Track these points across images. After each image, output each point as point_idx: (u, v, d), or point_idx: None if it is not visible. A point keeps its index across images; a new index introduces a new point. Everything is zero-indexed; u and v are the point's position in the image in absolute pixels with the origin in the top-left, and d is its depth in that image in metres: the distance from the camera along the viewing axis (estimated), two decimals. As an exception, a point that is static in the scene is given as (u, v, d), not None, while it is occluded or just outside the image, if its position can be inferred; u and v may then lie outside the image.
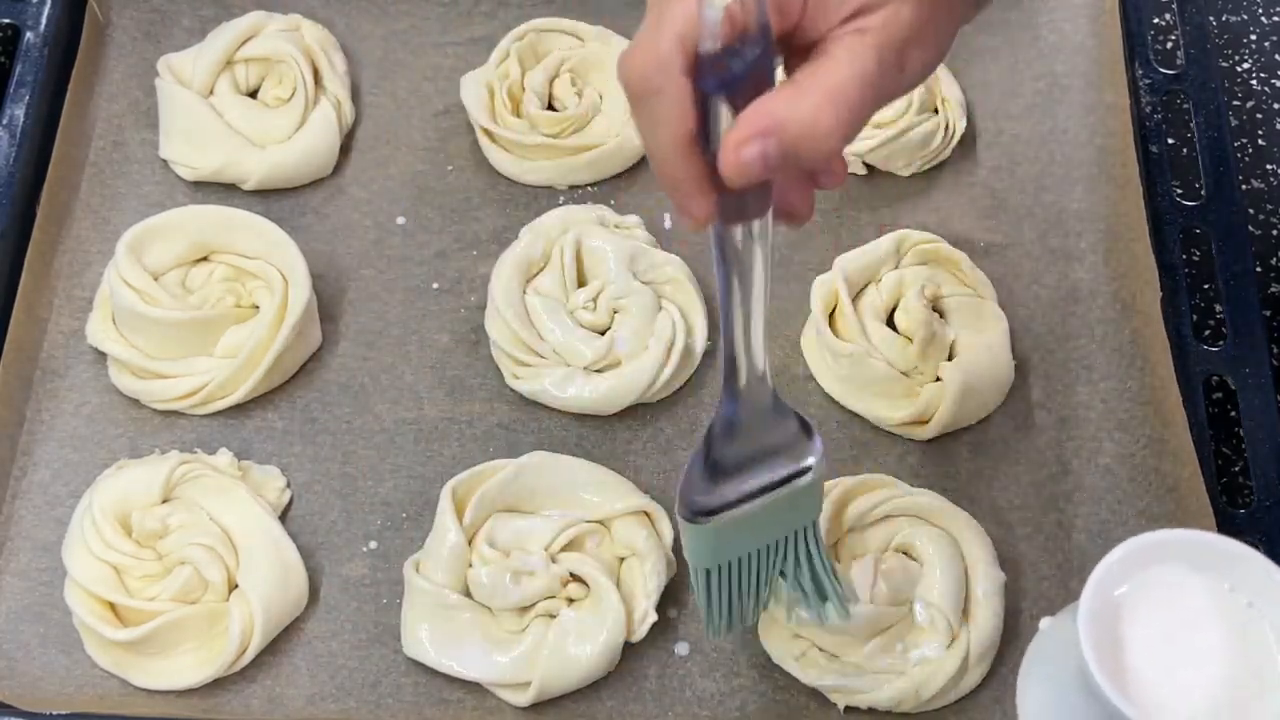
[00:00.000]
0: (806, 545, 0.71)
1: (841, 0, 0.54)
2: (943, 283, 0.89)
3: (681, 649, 0.79)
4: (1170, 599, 0.57)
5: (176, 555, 0.77)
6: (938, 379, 0.86)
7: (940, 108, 0.96)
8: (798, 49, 0.55)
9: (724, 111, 0.53)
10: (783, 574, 0.72)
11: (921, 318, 0.85)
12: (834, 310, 0.88)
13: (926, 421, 0.85)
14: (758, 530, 0.69)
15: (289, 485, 0.84)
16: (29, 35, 0.94)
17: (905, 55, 0.55)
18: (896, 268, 0.89)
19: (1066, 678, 0.58)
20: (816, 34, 0.54)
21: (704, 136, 0.54)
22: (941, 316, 0.88)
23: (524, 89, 0.96)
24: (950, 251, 0.90)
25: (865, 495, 0.81)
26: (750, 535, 0.69)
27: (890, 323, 0.88)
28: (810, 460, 0.67)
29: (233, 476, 0.81)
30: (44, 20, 0.95)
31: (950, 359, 0.86)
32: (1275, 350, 0.92)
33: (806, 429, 0.67)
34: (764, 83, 0.53)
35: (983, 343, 0.86)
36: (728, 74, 0.52)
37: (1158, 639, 0.56)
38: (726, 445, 0.66)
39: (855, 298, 0.88)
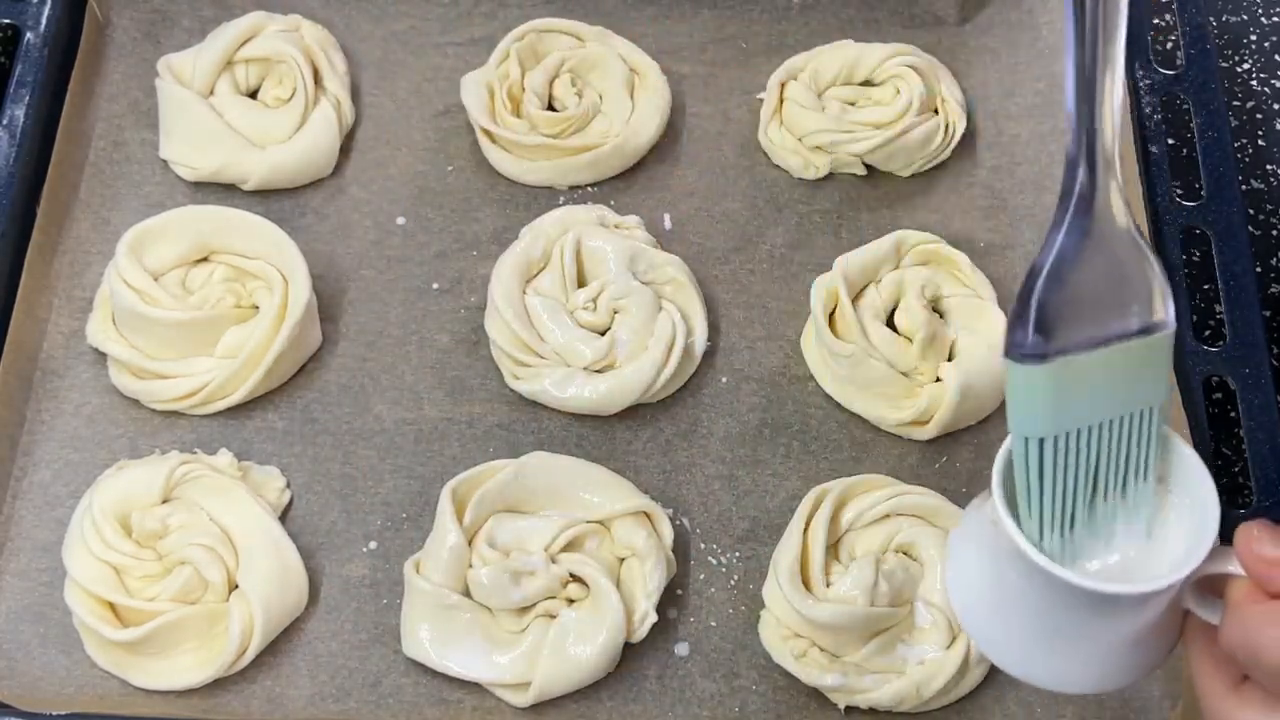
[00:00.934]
0: (1148, 433, 0.58)
1: None
2: (943, 283, 0.89)
3: (681, 649, 0.79)
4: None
5: (176, 555, 0.77)
6: (938, 379, 0.86)
7: (940, 108, 0.96)
8: None
9: None
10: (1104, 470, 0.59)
11: (921, 318, 0.85)
12: (834, 310, 0.88)
13: (926, 422, 0.85)
14: (1100, 397, 0.56)
15: (289, 485, 0.84)
16: (29, 35, 0.94)
17: None
18: (897, 268, 0.89)
19: (983, 539, 0.59)
20: None
21: None
22: (941, 317, 0.88)
23: (524, 89, 0.96)
24: (950, 252, 0.90)
25: (865, 495, 0.81)
26: (1091, 401, 0.56)
27: (890, 323, 0.88)
28: (1166, 314, 0.56)
29: (233, 477, 0.81)
30: (44, 20, 0.95)
31: (950, 359, 0.86)
32: (1275, 350, 0.92)
33: (1161, 273, 0.57)
34: None
35: (983, 343, 0.86)
36: None
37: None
38: (1064, 282, 0.55)
39: (855, 298, 0.88)
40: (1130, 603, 0.55)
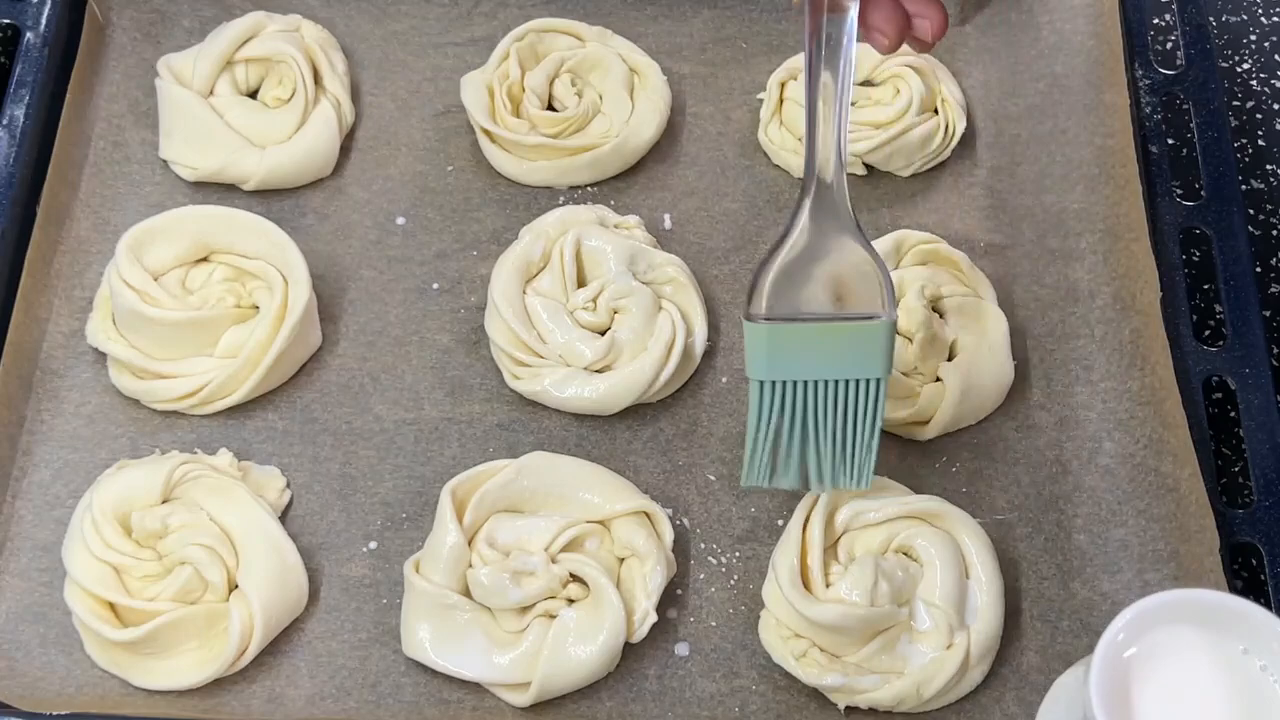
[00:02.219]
0: (864, 402, 0.72)
1: None
2: (943, 283, 0.89)
3: (681, 649, 0.79)
4: (1180, 659, 0.57)
5: (176, 555, 0.77)
6: (938, 379, 0.86)
7: (940, 108, 0.96)
8: None
9: None
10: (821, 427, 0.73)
11: (921, 318, 0.85)
12: None
13: (926, 422, 0.85)
14: (818, 359, 0.71)
15: (289, 485, 0.84)
16: (29, 35, 0.94)
17: None
18: (896, 268, 0.89)
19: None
20: None
21: None
22: (941, 317, 0.88)
23: (524, 89, 0.96)
24: (950, 251, 0.90)
25: (864, 495, 0.81)
26: (809, 360, 0.71)
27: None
28: (880, 312, 0.70)
29: (233, 476, 0.81)
30: (44, 20, 0.95)
31: (950, 359, 0.86)
32: (1275, 350, 0.92)
33: (886, 282, 0.71)
34: None
35: (983, 343, 0.86)
36: None
37: (1166, 698, 0.56)
38: (796, 259, 0.70)
39: (855, 298, 0.88)
40: None
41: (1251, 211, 0.97)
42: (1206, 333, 0.90)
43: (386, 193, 0.95)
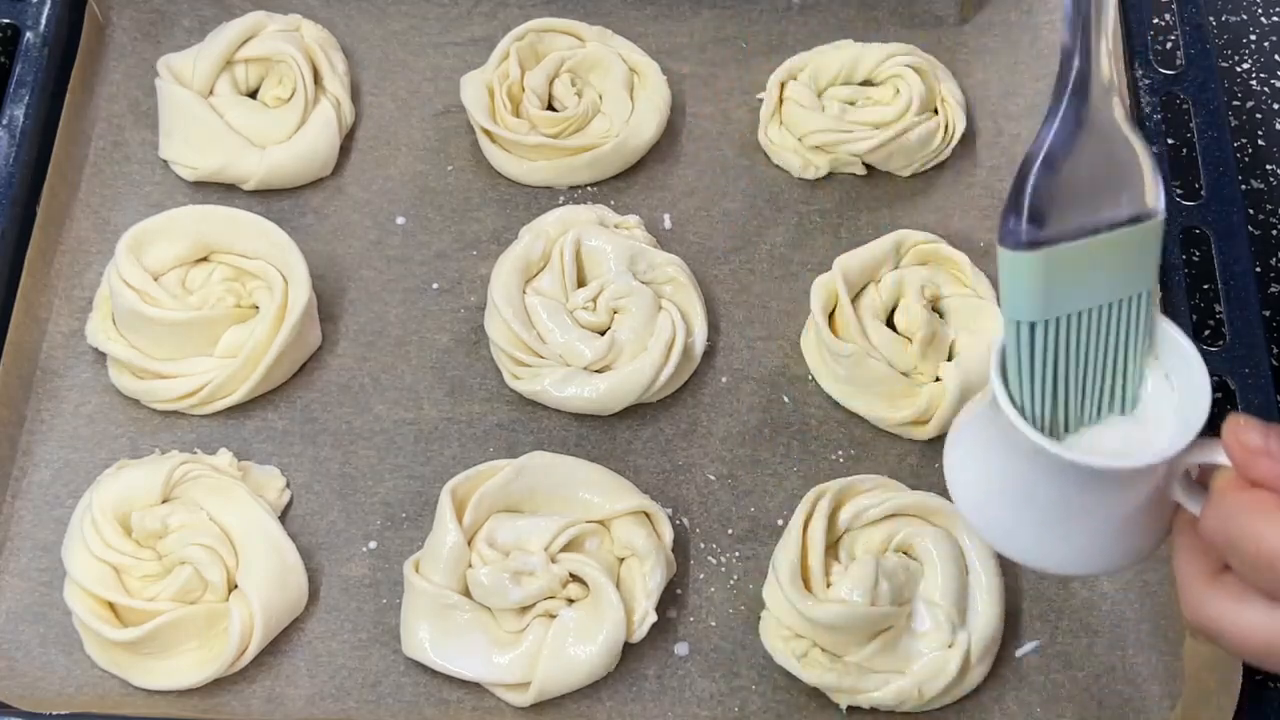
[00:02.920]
0: (1136, 316, 0.59)
1: None
2: (943, 283, 0.89)
3: (681, 649, 0.79)
4: None
5: (176, 555, 0.77)
6: (937, 379, 0.86)
7: (940, 108, 0.96)
8: None
9: None
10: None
11: (921, 318, 0.85)
12: (834, 310, 0.88)
13: (926, 421, 0.85)
14: (1089, 283, 0.57)
15: (289, 485, 0.84)
16: (29, 35, 0.94)
17: None
18: (896, 267, 0.89)
19: (980, 426, 0.60)
20: None
21: None
22: (941, 317, 0.88)
23: (524, 89, 0.96)
24: (950, 252, 0.90)
25: (865, 495, 0.81)
26: (1081, 287, 0.57)
27: (890, 323, 0.88)
28: (1156, 202, 0.57)
29: (233, 476, 0.81)
30: (44, 20, 0.95)
31: (950, 359, 0.86)
32: (1275, 350, 0.92)
33: (1153, 165, 0.57)
34: None
35: (982, 343, 0.86)
36: None
37: None
38: (1058, 170, 0.56)
39: (855, 298, 0.88)
40: (1116, 479, 0.56)
41: (1251, 211, 0.97)
42: (1206, 333, 0.90)
43: (386, 193, 0.95)
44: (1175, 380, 0.58)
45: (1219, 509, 0.54)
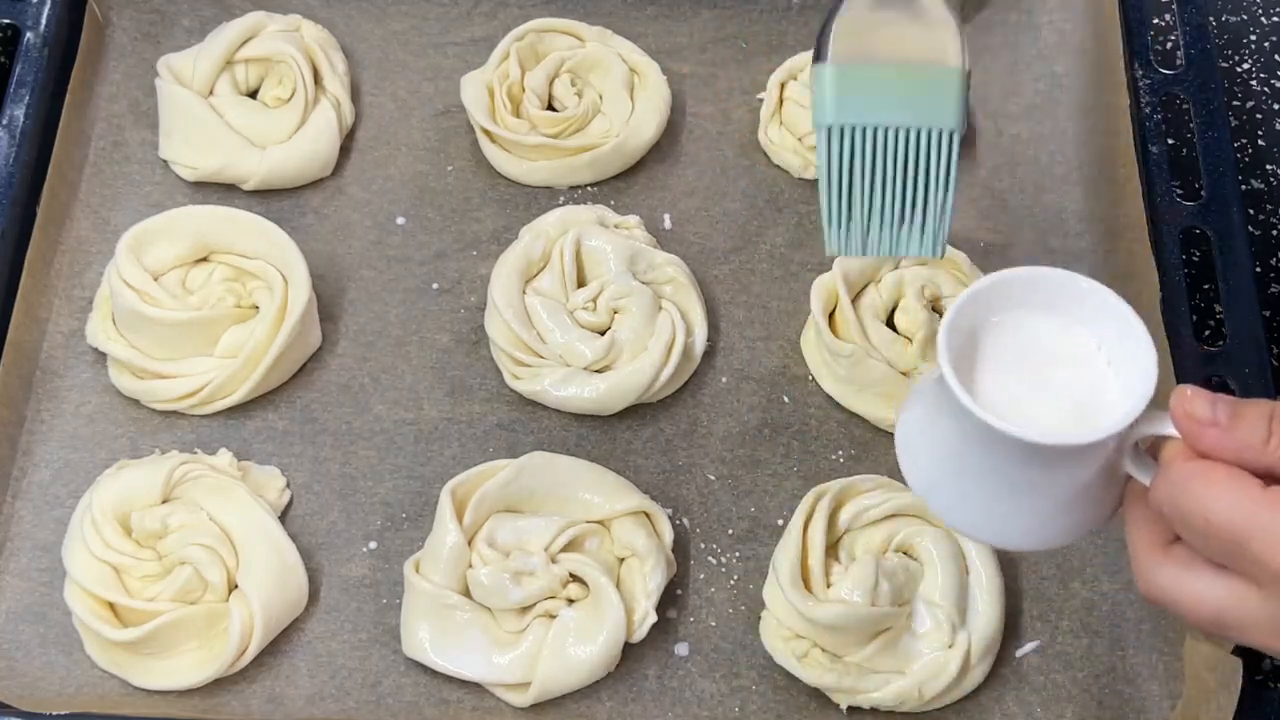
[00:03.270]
0: (938, 155, 0.68)
1: None
2: (943, 283, 0.89)
3: (681, 649, 0.79)
4: (1023, 335, 0.60)
5: (176, 555, 0.77)
6: (937, 379, 0.85)
7: (940, 108, 0.96)
8: None
9: None
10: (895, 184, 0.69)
11: (921, 318, 0.85)
12: (834, 310, 0.88)
13: None
14: (888, 103, 0.67)
15: (289, 485, 0.84)
16: (29, 35, 0.94)
17: None
18: (896, 268, 0.89)
19: (929, 404, 0.61)
20: None
21: None
22: (941, 317, 0.88)
23: (524, 89, 0.96)
24: (951, 251, 0.89)
25: (865, 495, 0.81)
26: (879, 105, 0.67)
27: (890, 323, 0.88)
28: (957, 58, 0.68)
29: (233, 476, 0.81)
30: (44, 20, 0.95)
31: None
32: (1275, 350, 0.92)
33: (960, 33, 0.68)
34: None
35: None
36: None
37: (1011, 372, 0.59)
38: (865, 8, 0.68)
39: (855, 298, 0.88)
40: (1067, 455, 0.56)
41: (1251, 211, 0.97)
42: (1206, 333, 0.90)
43: (386, 193, 0.95)
44: (1121, 355, 0.59)
45: (1168, 480, 0.55)
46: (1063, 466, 0.58)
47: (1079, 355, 0.59)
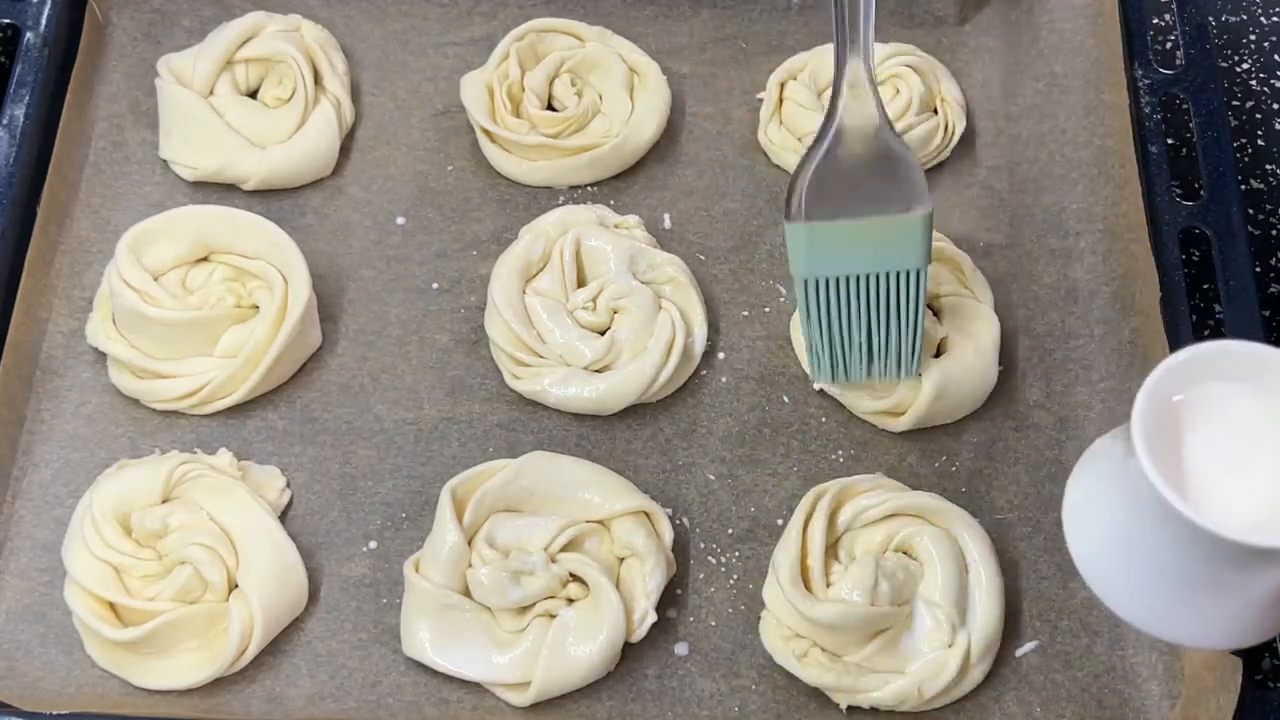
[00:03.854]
0: (907, 292, 0.78)
1: None
2: (942, 281, 0.89)
3: (681, 649, 0.79)
4: (1225, 414, 0.56)
5: (176, 555, 0.77)
6: (919, 374, 0.86)
7: (940, 108, 0.96)
8: None
9: None
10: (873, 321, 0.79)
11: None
12: None
13: (900, 414, 0.85)
14: (858, 255, 0.76)
15: (289, 485, 0.84)
16: (29, 35, 0.94)
17: None
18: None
19: (1113, 480, 0.56)
20: None
21: None
22: (936, 315, 0.88)
23: (524, 89, 0.96)
24: (954, 251, 0.90)
25: (864, 495, 0.81)
26: (849, 257, 0.76)
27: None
28: (917, 207, 0.75)
29: (233, 476, 0.81)
30: (44, 20, 0.95)
31: (937, 357, 0.86)
32: (1275, 350, 0.91)
33: (919, 185, 0.75)
34: None
35: (971, 345, 0.86)
36: None
37: (1211, 452, 0.55)
38: (831, 161, 0.75)
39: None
40: (1265, 557, 0.53)
41: (1251, 211, 0.97)
42: (1206, 333, 0.90)
43: (386, 193, 0.95)
44: None
45: None
46: (1258, 568, 0.54)
47: None
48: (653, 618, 0.77)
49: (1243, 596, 0.55)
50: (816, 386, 0.83)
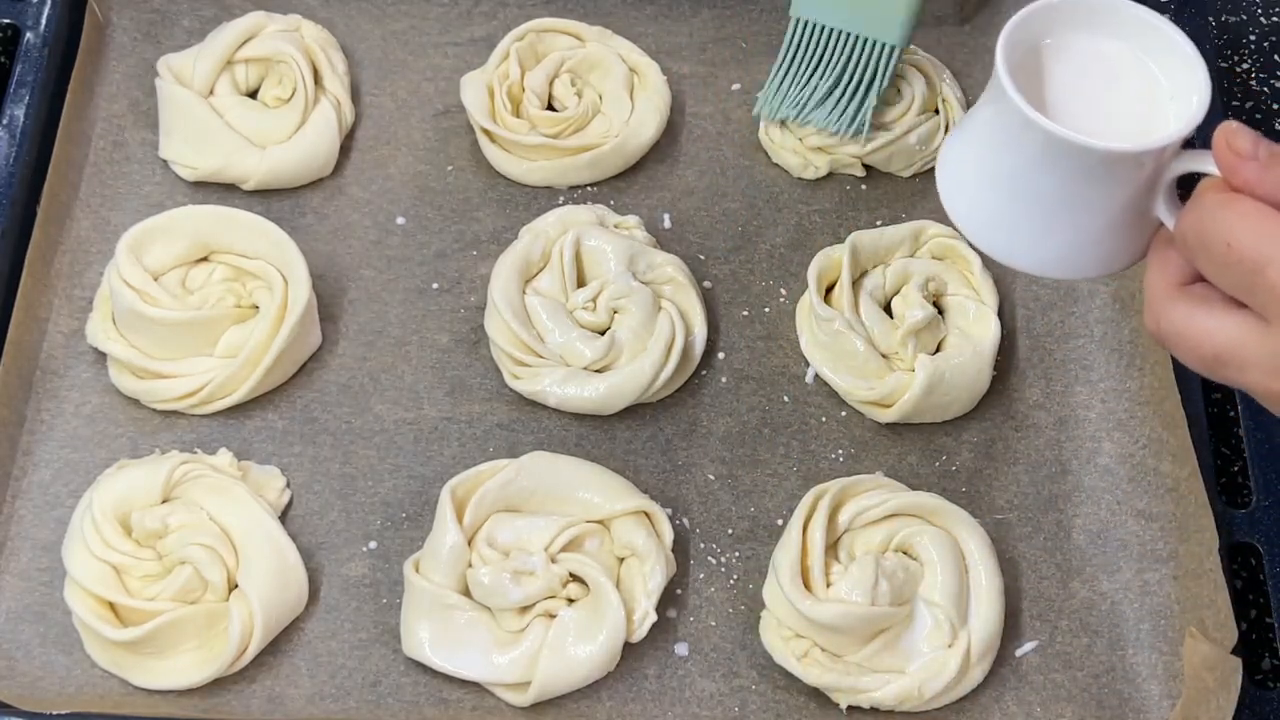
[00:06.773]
0: (880, 63, 0.89)
1: None
2: (950, 280, 0.89)
3: (681, 649, 0.80)
4: (1085, 55, 0.60)
5: (176, 555, 0.77)
6: (914, 369, 0.86)
7: (940, 108, 0.96)
8: None
9: None
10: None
11: (914, 302, 0.86)
12: (835, 286, 0.88)
13: (890, 405, 0.85)
14: (847, 10, 0.88)
15: (289, 485, 0.84)
16: (29, 35, 0.94)
17: None
18: (912, 256, 0.89)
19: (981, 130, 0.61)
20: None
21: None
22: (940, 313, 0.88)
23: (524, 89, 0.96)
24: (966, 251, 0.89)
25: (864, 495, 0.81)
26: (839, 9, 0.88)
27: (889, 309, 0.88)
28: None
29: (233, 476, 0.81)
30: (44, 20, 0.95)
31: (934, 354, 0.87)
32: (1275, 350, 0.91)
33: None
34: None
35: (969, 346, 0.86)
36: None
37: (1072, 89, 0.59)
38: None
39: (859, 278, 0.88)
40: (1114, 166, 0.57)
41: (1251, 211, 0.97)
42: (1206, 333, 0.90)
43: (386, 193, 0.95)
44: (1169, 78, 0.59)
45: (1196, 208, 0.56)
46: (1100, 184, 0.57)
47: (1142, 85, 0.60)
48: (653, 618, 0.77)
49: (1101, 217, 0.59)
50: (755, 114, 0.94)
